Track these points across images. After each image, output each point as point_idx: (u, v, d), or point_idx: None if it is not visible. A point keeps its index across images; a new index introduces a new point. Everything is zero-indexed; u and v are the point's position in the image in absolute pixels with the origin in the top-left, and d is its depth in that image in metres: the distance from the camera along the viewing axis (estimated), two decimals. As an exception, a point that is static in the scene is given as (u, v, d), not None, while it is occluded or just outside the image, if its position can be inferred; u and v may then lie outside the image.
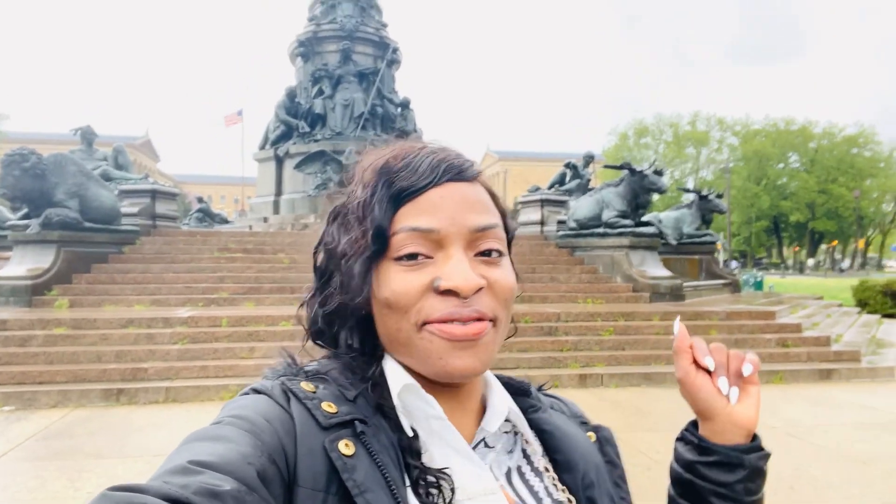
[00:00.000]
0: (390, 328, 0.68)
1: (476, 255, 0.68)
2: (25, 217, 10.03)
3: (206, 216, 18.84)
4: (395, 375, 0.69)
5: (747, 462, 0.77)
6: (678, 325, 0.81)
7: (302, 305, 0.78)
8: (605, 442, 0.83)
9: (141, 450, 4.92)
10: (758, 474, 0.78)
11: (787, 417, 6.09)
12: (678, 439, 0.84)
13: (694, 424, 0.83)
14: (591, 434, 0.83)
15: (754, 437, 0.79)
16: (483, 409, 0.75)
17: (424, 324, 0.66)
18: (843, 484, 4.29)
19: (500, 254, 0.70)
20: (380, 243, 0.66)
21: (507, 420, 0.76)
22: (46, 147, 13.09)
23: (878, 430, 5.72)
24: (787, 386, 7.66)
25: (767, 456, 0.79)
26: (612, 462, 0.82)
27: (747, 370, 0.77)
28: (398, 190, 0.67)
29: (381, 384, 0.69)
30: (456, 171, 0.69)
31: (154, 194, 12.78)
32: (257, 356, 7.38)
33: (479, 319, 0.66)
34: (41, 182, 9.57)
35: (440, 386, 0.70)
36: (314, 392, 0.65)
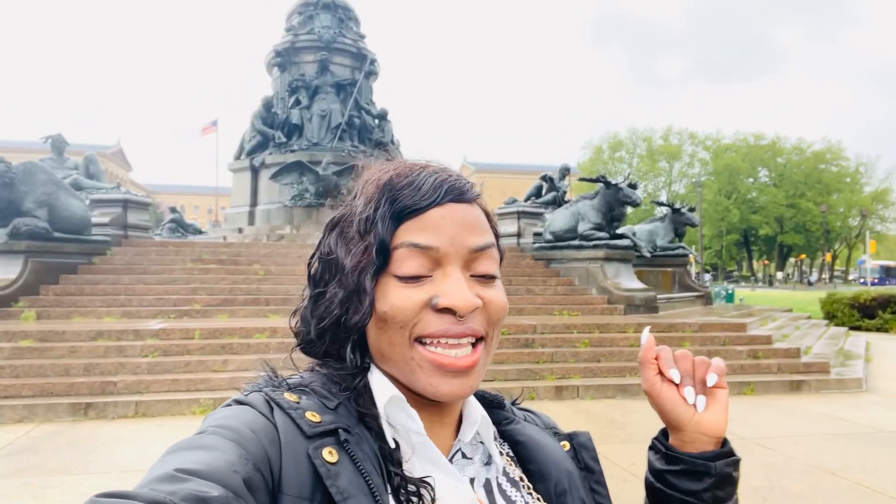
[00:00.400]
0: (383, 342, 0.69)
1: (472, 275, 0.70)
2: (-8, 226, 9.79)
3: (179, 227, 18.58)
4: (382, 387, 0.70)
5: (714, 470, 0.77)
6: (646, 336, 0.83)
7: (295, 313, 0.78)
8: (580, 448, 0.84)
9: (109, 465, 4.80)
10: (726, 481, 0.78)
11: (759, 428, 6.17)
12: (650, 448, 0.85)
13: (664, 433, 0.84)
14: (566, 443, 0.84)
15: (724, 443, 0.80)
16: (461, 421, 0.77)
17: (418, 339, 0.68)
18: (813, 494, 4.35)
19: (495, 275, 0.73)
20: (383, 258, 0.68)
21: (479, 432, 0.77)
22: (16, 155, 12.84)
23: (847, 440, 5.82)
24: (757, 397, 7.76)
25: (737, 462, 0.79)
26: (589, 468, 0.83)
27: (711, 380, 0.78)
28: (401, 207, 0.69)
29: (364, 395, 0.70)
30: (457, 193, 0.71)
31: (126, 204, 12.58)
32: (230, 369, 7.28)
33: (473, 336, 0.68)
34: (9, 191, 9.37)
35: (424, 398, 0.71)
36: (298, 402, 0.66)
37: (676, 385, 0.80)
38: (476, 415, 0.76)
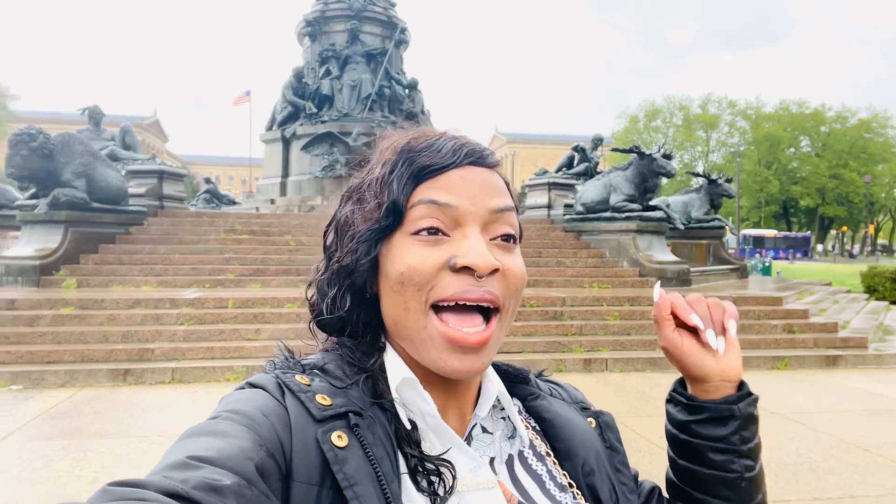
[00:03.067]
0: (398, 307, 0.68)
1: (493, 238, 0.69)
2: (33, 197, 10.06)
3: (214, 197, 18.88)
4: (395, 367, 0.69)
5: (738, 412, 0.79)
6: (657, 292, 0.82)
7: (310, 285, 0.77)
8: (605, 427, 0.84)
9: (146, 430, 4.96)
10: (750, 421, 0.80)
11: (792, 403, 6.07)
12: (668, 401, 0.85)
13: (681, 383, 0.84)
14: (592, 420, 0.83)
15: (741, 385, 0.81)
16: (479, 396, 0.76)
17: (434, 305, 0.66)
18: (845, 471, 4.28)
19: (514, 240, 0.71)
20: (394, 217, 0.67)
21: (502, 408, 0.77)
22: (54, 126, 13.12)
23: (882, 417, 5.70)
24: (792, 372, 7.63)
25: (756, 400, 0.81)
26: (613, 448, 0.82)
27: (732, 329, 0.79)
28: (419, 167, 0.68)
29: (379, 376, 0.69)
30: (477, 156, 0.71)
31: (161, 175, 12.79)
32: (263, 338, 7.42)
33: (490, 303, 0.66)
34: (49, 162, 9.59)
35: (438, 375, 0.70)
36: (309, 385, 0.65)
37: (695, 336, 0.80)
38: (493, 388, 0.75)
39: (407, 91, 17.82)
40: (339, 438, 0.60)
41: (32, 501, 3.58)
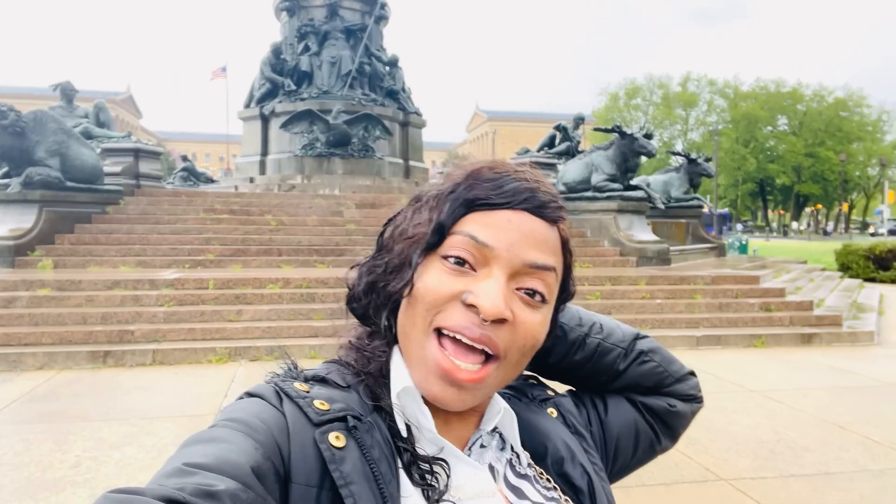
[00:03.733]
0: (408, 319, 0.69)
1: (519, 289, 0.68)
2: (6, 176, 9.81)
3: (191, 175, 18.60)
4: (400, 375, 0.70)
5: (566, 325, 0.88)
6: None
7: (353, 268, 0.79)
8: (566, 414, 0.86)
9: (128, 413, 4.92)
10: (571, 315, 0.89)
11: (768, 381, 6.20)
12: (538, 371, 0.93)
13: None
14: (553, 410, 0.85)
15: None
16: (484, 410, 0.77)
17: (436, 329, 0.67)
18: (820, 447, 4.39)
19: (544, 300, 0.70)
20: (438, 238, 0.68)
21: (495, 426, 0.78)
22: (24, 103, 12.81)
23: (856, 394, 5.85)
24: (768, 350, 7.78)
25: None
26: (579, 433, 0.84)
27: None
28: (473, 196, 0.69)
29: (379, 381, 0.70)
30: (536, 204, 0.70)
31: (137, 153, 12.54)
32: (245, 319, 7.37)
33: (488, 347, 0.66)
34: (21, 140, 9.34)
35: None
36: (307, 392, 0.66)
37: None
38: (499, 406, 0.75)
39: (387, 68, 17.58)
40: (336, 439, 0.61)
41: (13, 486, 3.54)
